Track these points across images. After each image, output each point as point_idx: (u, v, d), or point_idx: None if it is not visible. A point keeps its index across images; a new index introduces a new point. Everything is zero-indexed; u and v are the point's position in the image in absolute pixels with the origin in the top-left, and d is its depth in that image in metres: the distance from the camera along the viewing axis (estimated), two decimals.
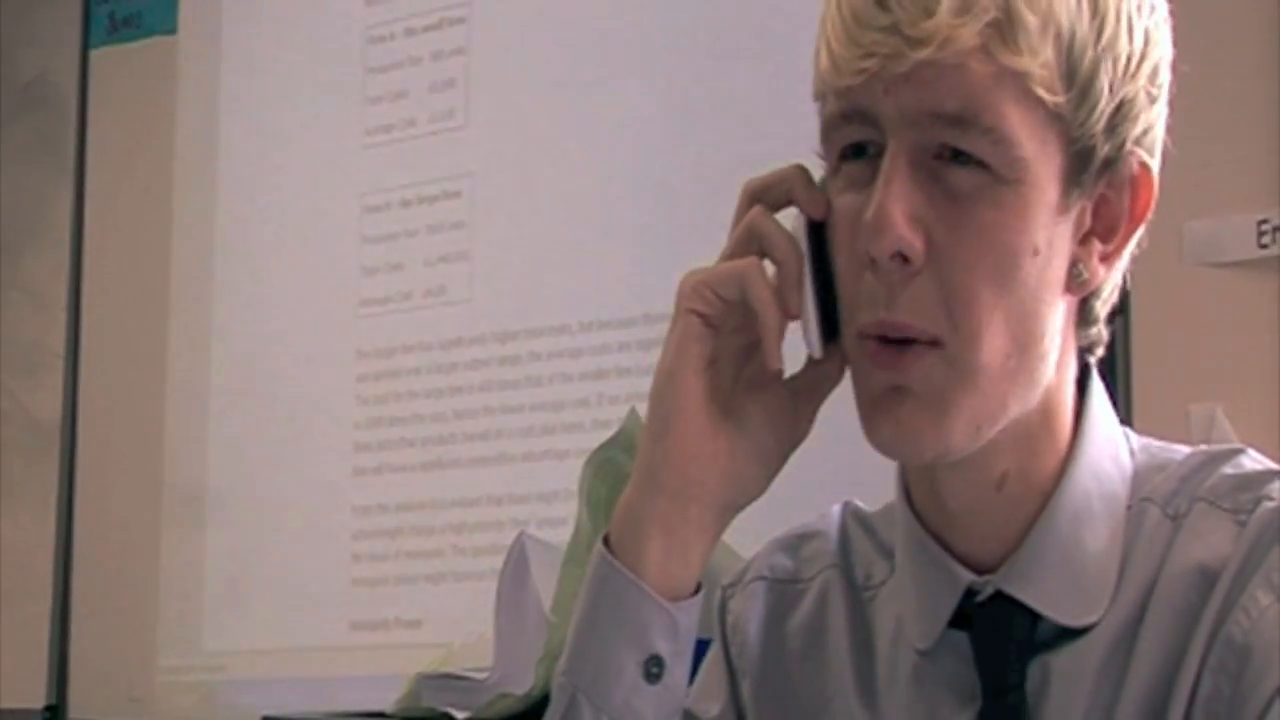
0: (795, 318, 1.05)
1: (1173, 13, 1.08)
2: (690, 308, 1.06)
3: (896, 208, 0.98)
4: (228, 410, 3.20)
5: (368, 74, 3.13)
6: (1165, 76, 1.06)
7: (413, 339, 3.00)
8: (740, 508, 1.09)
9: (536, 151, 2.91)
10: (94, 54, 3.48)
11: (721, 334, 1.07)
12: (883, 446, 1.03)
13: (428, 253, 3.01)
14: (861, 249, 1.00)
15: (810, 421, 1.09)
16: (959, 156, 0.99)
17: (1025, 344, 1.01)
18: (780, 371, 1.08)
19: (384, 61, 3.11)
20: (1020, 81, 0.98)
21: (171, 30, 3.39)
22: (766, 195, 1.07)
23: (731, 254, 1.07)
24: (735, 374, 1.08)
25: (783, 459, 1.09)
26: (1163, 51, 1.05)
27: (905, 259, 0.99)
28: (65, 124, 3.48)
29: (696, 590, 1.08)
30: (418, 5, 3.08)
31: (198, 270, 3.27)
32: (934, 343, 1.00)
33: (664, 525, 1.06)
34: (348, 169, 3.12)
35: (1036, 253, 1.00)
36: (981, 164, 0.99)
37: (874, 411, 1.02)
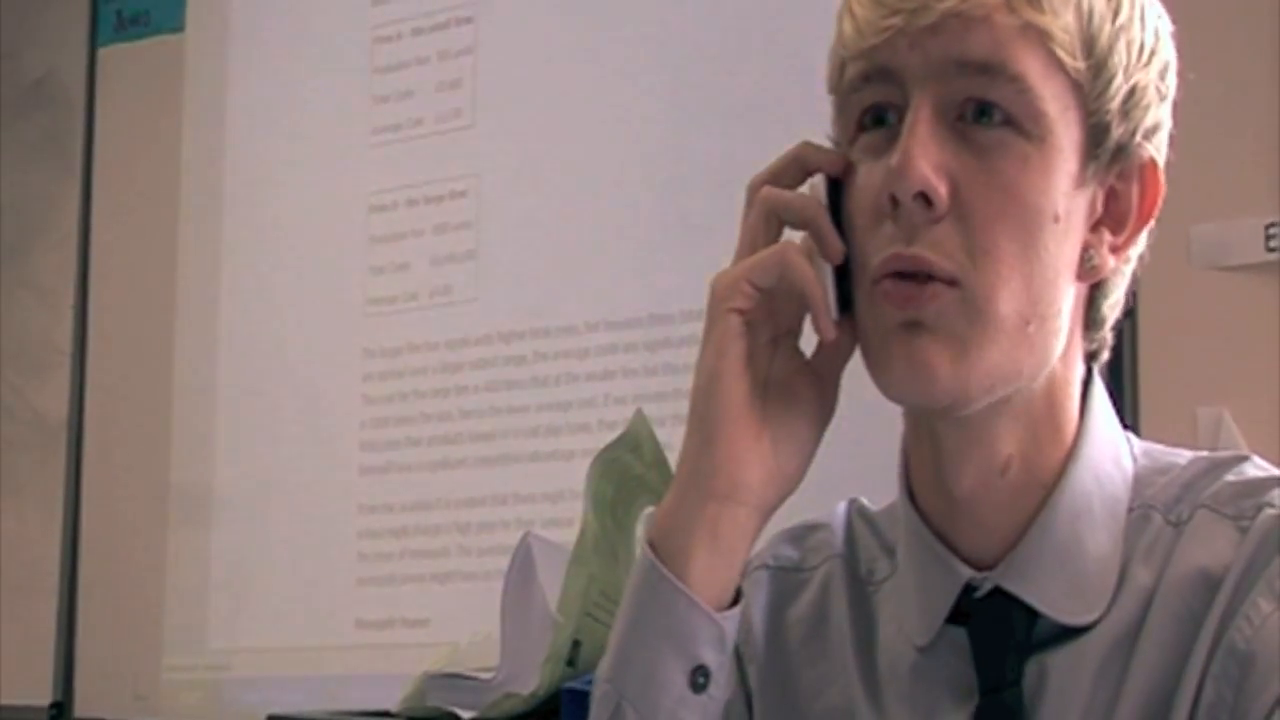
0: (842, 265, 1.04)
1: (1180, 18, 1.10)
2: (732, 307, 1.05)
3: (921, 151, 1.00)
4: (234, 409, 3.20)
5: (374, 73, 3.13)
6: (1172, 80, 1.08)
7: (419, 338, 3.00)
8: (777, 508, 1.09)
9: (543, 151, 2.91)
10: (101, 52, 3.49)
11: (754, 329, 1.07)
12: (897, 384, 1.02)
13: (434, 252, 3.01)
14: (885, 192, 1.01)
15: (835, 395, 1.09)
16: (983, 115, 1.01)
17: (1043, 313, 1.02)
18: (803, 357, 1.08)
19: (391, 61, 3.11)
20: (1043, 40, 1.01)
21: (179, 28, 3.40)
22: (777, 180, 1.08)
23: (751, 243, 1.07)
24: (767, 368, 1.08)
25: (817, 443, 1.09)
26: (1169, 55, 1.08)
27: (929, 202, 1.00)
28: (73, 122, 3.49)
29: (737, 598, 1.08)
30: (425, 5, 3.08)
31: (204, 269, 3.27)
32: (951, 282, 1.00)
33: (711, 531, 1.06)
34: (354, 168, 3.12)
35: (1057, 219, 1.02)
36: (1006, 121, 1.01)
37: (887, 349, 1.02)
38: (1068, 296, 1.04)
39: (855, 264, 1.04)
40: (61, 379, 3.43)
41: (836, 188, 1.06)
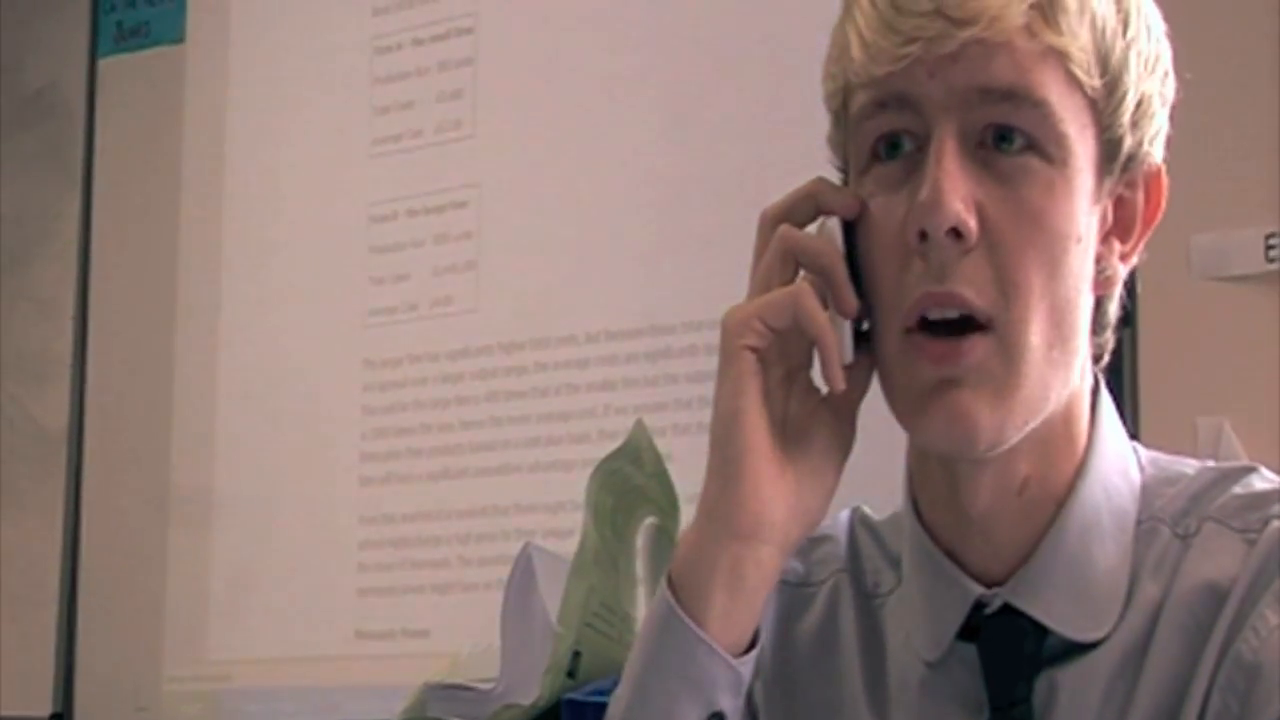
0: (857, 318, 1.04)
1: (1181, 29, 1.10)
2: (744, 344, 1.04)
3: (951, 185, 0.99)
4: (234, 420, 3.20)
5: (375, 84, 3.13)
6: (1172, 82, 1.08)
7: (419, 349, 3.00)
8: (798, 545, 1.08)
9: (543, 162, 2.91)
10: (102, 63, 3.49)
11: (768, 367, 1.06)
12: (936, 438, 1.02)
13: (435, 263, 3.01)
14: (914, 228, 1.00)
15: (853, 429, 1.09)
16: (1004, 141, 1.00)
17: (1066, 335, 1.02)
18: (818, 393, 1.07)
19: (391, 72, 3.12)
20: (1062, 62, 1.01)
21: (179, 40, 3.40)
22: (792, 215, 1.06)
23: (766, 281, 1.05)
24: (784, 405, 1.07)
25: (838, 478, 1.08)
26: (1168, 61, 1.08)
27: (959, 235, 0.99)
28: (73, 133, 3.49)
29: (754, 640, 1.07)
30: (425, 16, 3.08)
31: (204, 279, 3.27)
32: (986, 325, 1.00)
33: (734, 572, 1.05)
34: (355, 179, 3.12)
35: (1079, 240, 1.02)
36: (1028, 147, 1.00)
37: (925, 405, 1.01)
38: (1087, 311, 1.05)
39: (877, 303, 1.03)
40: (62, 390, 3.43)
41: (848, 226, 1.05)
